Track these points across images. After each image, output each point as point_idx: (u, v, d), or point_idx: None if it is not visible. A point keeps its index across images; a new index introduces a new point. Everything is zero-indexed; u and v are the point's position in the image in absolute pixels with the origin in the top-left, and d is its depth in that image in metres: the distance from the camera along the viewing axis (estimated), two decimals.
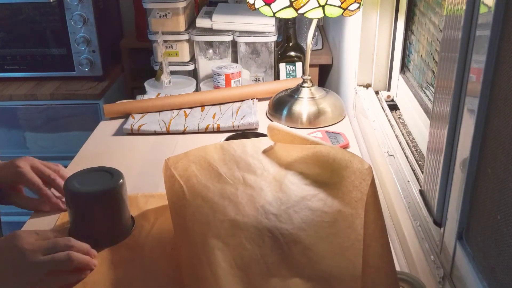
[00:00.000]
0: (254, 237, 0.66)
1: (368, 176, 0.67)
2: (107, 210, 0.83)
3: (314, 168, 0.74)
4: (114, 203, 0.82)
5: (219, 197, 0.71)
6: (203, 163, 0.77)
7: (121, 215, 0.84)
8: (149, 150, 1.17)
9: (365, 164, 0.68)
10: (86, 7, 1.82)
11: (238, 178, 0.75)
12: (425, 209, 0.76)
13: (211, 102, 1.36)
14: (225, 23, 1.55)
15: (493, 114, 0.56)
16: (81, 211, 0.83)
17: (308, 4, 1.07)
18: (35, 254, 0.73)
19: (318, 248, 0.64)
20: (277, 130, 0.83)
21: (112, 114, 1.33)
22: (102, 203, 0.82)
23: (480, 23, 0.57)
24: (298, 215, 0.68)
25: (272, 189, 0.73)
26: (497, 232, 0.56)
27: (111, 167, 0.85)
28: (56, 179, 0.92)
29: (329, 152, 0.73)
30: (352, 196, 0.67)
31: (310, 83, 1.28)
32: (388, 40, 1.19)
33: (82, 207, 0.82)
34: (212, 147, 0.80)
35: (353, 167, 0.69)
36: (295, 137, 0.81)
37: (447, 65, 0.65)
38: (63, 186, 0.82)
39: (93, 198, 0.81)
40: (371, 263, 0.64)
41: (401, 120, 1.10)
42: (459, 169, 0.64)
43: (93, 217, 0.83)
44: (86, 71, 1.92)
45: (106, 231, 0.84)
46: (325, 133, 1.19)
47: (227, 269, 0.63)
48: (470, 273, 0.61)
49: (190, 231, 0.69)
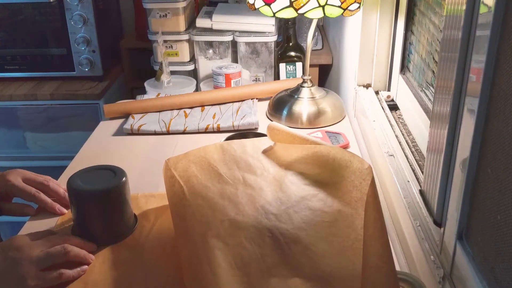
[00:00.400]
0: (254, 237, 0.66)
1: (368, 176, 0.67)
2: (110, 208, 0.83)
3: (314, 168, 0.74)
4: (117, 201, 0.83)
5: (219, 197, 0.71)
6: (203, 164, 0.77)
7: (124, 213, 0.85)
8: (149, 150, 1.17)
9: (365, 164, 0.68)
10: (86, 7, 1.82)
11: (238, 178, 0.75)
12: (425, 209, 0.76)
13: (211, 102, 1.36)
14: (225, 23, 1.55)
15: (493, 114, 0.56)
16: (84, 209, 0.83)
17: (308, 4, 1.07)
18: (31, 250, 0.74)
19: (318, 248, 0.64)
20: (277, 130, 0.83)
21: (112, 114, 1.33)
22: (106, 201, 0.82)
23: (480, 23, 0.57)
24: (298, 215, 0.68)
25: (272, 189, 0.73)
26: (497, 232, 0.56)
27: (114, 165, 0.86)
28: (49, 183, 0.93)
29: (329, 152, 0.73)
30: (352, 196, 0.67)
31: (310, 83, 1.28)
32: (388, 40, 1.19)
33: (86, 205, 0.83)
34: (212, 147, 0.80)
35: (353, 167, 0.69)
36: (295, 137, 0.81)
37: (447, 65, 0.65)
38: (66, 184, 0.83)
39: (97, 196, 0.81)
40: (371, 263, 0.64)
41: (401, 120, 1.10)
42: (459, 169, 0.64)
43: (97, 215, 0.83)
44: (86, 71, 1.92)
45: (109, 229, 0.84)
46: (325, 133, 1.19)
47: (227, 268, 0.63)
48: (470, 273, 0.61)
49: (190, 231, 0.69)
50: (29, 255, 0.73)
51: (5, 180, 0.91)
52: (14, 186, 0.90)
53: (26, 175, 0.93)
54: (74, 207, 0.84)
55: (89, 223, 0.84)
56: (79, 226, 0.85)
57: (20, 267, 0.73)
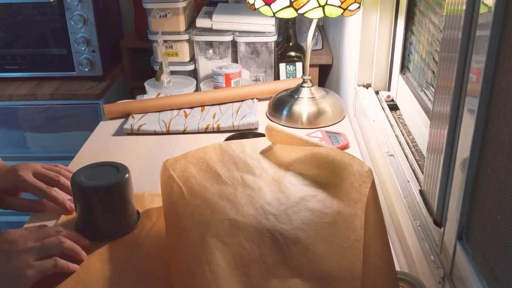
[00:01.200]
0: (254, 237, 0.66)
1: (367, 178, 0.67)
2: (112, 203, 0.84)
3: (313, 169, 0.74)
4: (120, 196, 0.84)
5: (218, 198, 0.71)
6: (202, 164, 0.77)
7: (126, 209, 0.86)
8: (149, 150, 1.17)
9: (365, 166, 0.68)
10: (86, 7, 1.82)
11: (237, 179, 0.75)
12: (425, 209, 0.76)
13: (211, 102, 1.36)
14: (225, 23, 1.55)
15: (493, 114, 0.56)
16: (87, 205, 0.85)
17: (308, 4, 1.07)
18: (25, 242, 0.74)
19: (318, 249, 0.64)
20: (275, 131, 0.83)
21: (112, 114, 1.33)
22: (109, 197, 0.83)
23: (480, 23, 0.57)
24: (297, 216, 0.68)
25: (271, 189, 0.73)
26: (497, 232, 0.55)
27: (117, 162, 0.87)
28: (60, 179, 0.92)
29: (329, 154, 0.72)
30: (352, 198, 0.67)
31: (310, 83, 1.28)
32: (388, 40, 1.19)
33: (89, 201, 0.84)
34: (210, 148, 0.80)
35: (352, 169, 0.69)
36: (293, 138, 0.80)
37: (447, 65, 0.65)
38: (70, 181, 0.84)
39: (100, 192, 0.82)
40: (371, 264, 0.64)
41: (401, 120, 1.10)
42: (459, 169, 0.64)
43: (100, 210, 0.85)
44: (86, 71, 1.91)
45: (111, 224, 0.85)
46: (325, 133, 1.19)
47: (226, 268, 0.63)
48: (470, 273, 0.61)
49: (188, 231, 0.69)
50: (24, 247, 0.73)
51: (16, 175, 0.90)
52: (25, 181, 0.90)
53: (37, 170, 0.92)
54: (78, 203, 0.85)
55: (92, 218, 0.85)
56: (82, 221, 0.86)
57: (15, 259, 0.72)
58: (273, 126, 0.84)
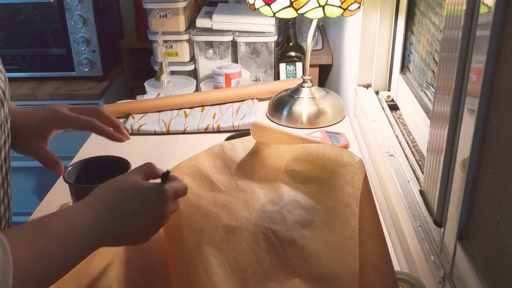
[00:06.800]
0: (249, 241, 0.66)
1: (359, 169, 0.66)
2: None
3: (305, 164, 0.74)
4: None
5: (213, 205, 0.71)
6: (196, 173, 0.77)
7: None
8: (149, 150, 1.17)
9: (355, 157, 0.67)
10: (86, 7, 1.82)
11: (231, 184, 0.75)
12: (425, 209, 0.76)
13: (211, 102, 1.36)
14: (225, 23, 1.55)
15: (493, 114, 0.56)
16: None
17: (308, 4, 1.07)
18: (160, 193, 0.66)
19: (313, 249, 0.64)
20: (261, 131, 0.79)
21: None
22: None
23: (480, 23, 0.57)
24: (291, 215, 0.67)
25: (264, 190, 0.73)
26: (497, 232, 0.55)
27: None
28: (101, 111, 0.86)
29: (318, 148, 0.71)
30: (345, 192, 0.66)
31: (310, 83, 1.28)
32: (388, 40, 1.19)
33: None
34: (203, 155, 0.79)
35: (343, 161, 0.68)
36: (281, 134, 0.78)
37: (447, 65, 0.65)
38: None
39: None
40: (369, 262, 0.63)
41: (401, 120, 1.10)
42: (459, 169, 0.64)
43: None
44: (86, 71, 1.92)
45: None
46: (325, 133, 1.19)
47: (223, 275, 0.63)
48: (470, 273, 0.61)
49: (185, 241, 0.69)
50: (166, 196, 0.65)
51: (55, 111, 0.83)
52: (67, 115, 0.83)
53: (71, 107, 0.86)
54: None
55: None
56: None
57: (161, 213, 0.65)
58: (258, 125, 0.80)
